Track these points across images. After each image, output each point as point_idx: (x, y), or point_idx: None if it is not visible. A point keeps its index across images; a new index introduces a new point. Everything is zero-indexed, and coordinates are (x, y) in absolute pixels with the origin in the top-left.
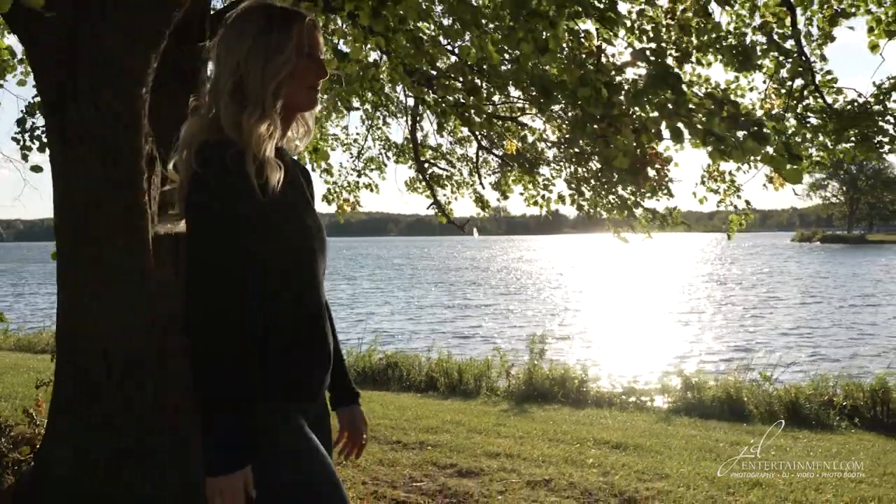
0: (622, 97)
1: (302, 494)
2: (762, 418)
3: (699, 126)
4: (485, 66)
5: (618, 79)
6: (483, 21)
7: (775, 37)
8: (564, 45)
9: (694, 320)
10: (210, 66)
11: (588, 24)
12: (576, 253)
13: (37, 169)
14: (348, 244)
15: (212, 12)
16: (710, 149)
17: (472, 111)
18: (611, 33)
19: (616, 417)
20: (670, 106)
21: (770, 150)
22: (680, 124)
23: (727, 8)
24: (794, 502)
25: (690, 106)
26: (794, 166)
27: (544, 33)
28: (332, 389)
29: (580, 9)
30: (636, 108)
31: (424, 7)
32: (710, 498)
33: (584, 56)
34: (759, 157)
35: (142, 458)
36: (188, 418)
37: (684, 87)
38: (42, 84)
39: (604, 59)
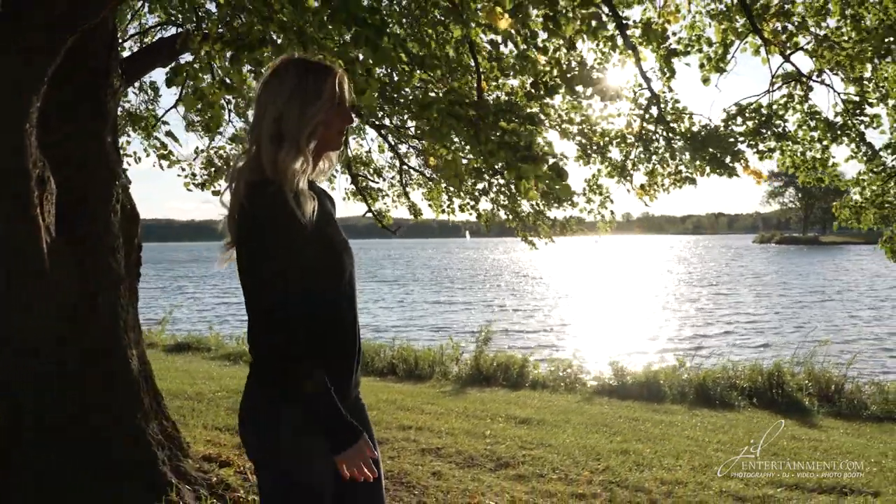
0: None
1: (301, 494)
2: (673, 398)
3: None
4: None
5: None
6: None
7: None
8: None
9: (650, 313)
10: (251, 111)
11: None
12: (557, 253)
13: None
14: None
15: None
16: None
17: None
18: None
19: (543, 398)
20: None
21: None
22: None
23: (591, 45)
24: (651, 467)
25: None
26: (564, 183)
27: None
28: None
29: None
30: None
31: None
32: (573, 461)
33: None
34: (538, 175)
35: None
36: None
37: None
38: None
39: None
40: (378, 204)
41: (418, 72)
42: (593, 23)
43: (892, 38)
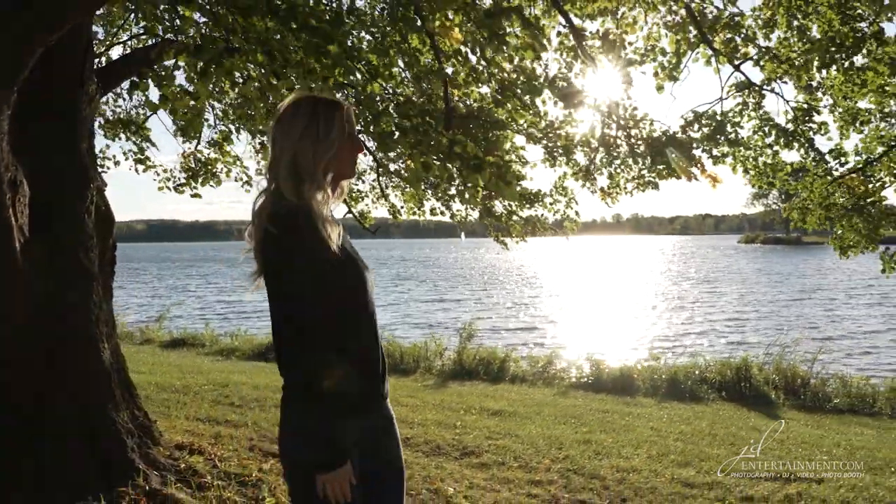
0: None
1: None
2: (646, 392)
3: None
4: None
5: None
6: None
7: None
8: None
9: (633, 310)
10: (269, 148)
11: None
12: (548, 253)
13: None
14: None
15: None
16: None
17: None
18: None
19: (520, 391)
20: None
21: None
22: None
23: (556, 56)
24: (610, 456)
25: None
26: (510, 188)
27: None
28: None
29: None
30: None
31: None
32: (536, 450)
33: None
34: (486, 182)
35: None
36: None
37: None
38: None
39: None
40: (360, 205)
41: (377, 81)
42: (535, 44)
43: (834, 49)
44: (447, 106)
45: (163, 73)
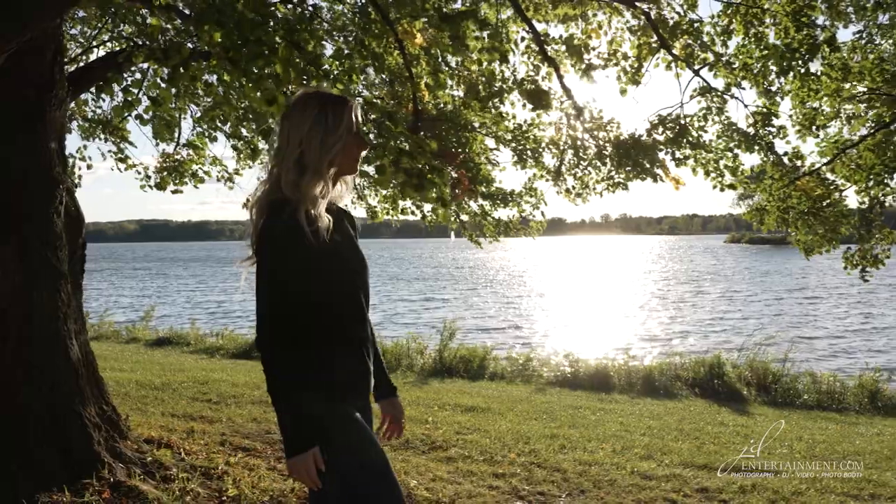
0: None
1: (364, 476)
2: (621, 389)
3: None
4: None
5: None
6: None
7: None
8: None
9: (620, 308)
10: (274, 138)
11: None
12: (538, 252)
13: None
14: None
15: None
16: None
17: None
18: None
19: (498, 388)
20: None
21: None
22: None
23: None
24: (575, 450)
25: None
26: (442, 211)
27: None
28: (375, 387)
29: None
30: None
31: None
32: (503, 445)
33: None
34: (429, 198)
35: None
36: None
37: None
38: None
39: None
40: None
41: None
42: (496, 46)
43: (790, 55)
44: (415, 108)
45: (129, 79)
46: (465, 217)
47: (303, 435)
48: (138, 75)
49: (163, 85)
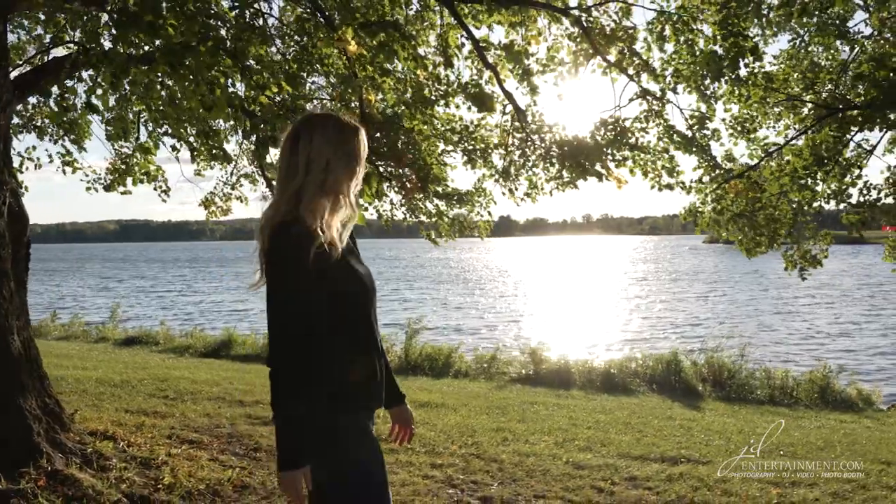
0: None
1: (366, 492)
2: (581, 386)
3: None
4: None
5: None
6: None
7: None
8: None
9: (594, 307)
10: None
11: None
12: (517, 253)
13: None
14: None
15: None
16: None
17: None
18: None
19: (459, 385)
20: None
21: None
22: None
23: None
24: (517, 442)
25: None
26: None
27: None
28: (385, 394)
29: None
30: None
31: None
32: (448, 438)
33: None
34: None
35: None
36: None
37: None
38: None
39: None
40: None
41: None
42: (416, 55)
43: (718, 62)
44: (362, 111)
45: (66, 85)
46: (422, 217)
47: (296, 451)
48: (74, 81)
49: (99, 91)
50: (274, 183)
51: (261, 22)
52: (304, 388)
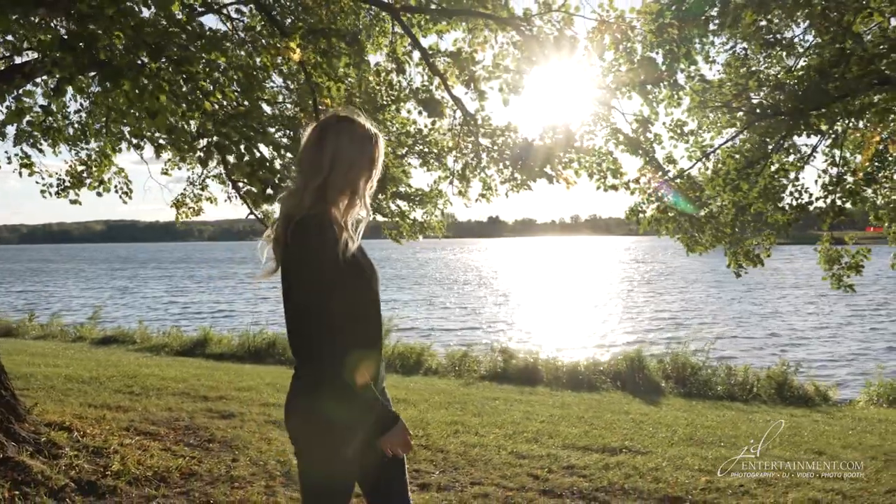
0: None
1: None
2: (548, 383)
3: None
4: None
5: None
6: None
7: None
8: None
9: (569, 307)
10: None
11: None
12: (508, 253)
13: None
14: None
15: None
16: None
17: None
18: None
19: (427, 382)
20: None
21: None
22: None
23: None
24: (467, 434)
25: None
26: None
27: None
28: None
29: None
30: None
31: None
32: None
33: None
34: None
35: None
36: None
37: None
38: None
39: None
40: (266, 206)
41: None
42: (358, 62)
43: (651, 69)
44: (316, 116)
45: (18, 90)
46: (385, 217)
47: (388, 411)
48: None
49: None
50: (241, 184)
51: (213, 28)
52: (364, 372)
